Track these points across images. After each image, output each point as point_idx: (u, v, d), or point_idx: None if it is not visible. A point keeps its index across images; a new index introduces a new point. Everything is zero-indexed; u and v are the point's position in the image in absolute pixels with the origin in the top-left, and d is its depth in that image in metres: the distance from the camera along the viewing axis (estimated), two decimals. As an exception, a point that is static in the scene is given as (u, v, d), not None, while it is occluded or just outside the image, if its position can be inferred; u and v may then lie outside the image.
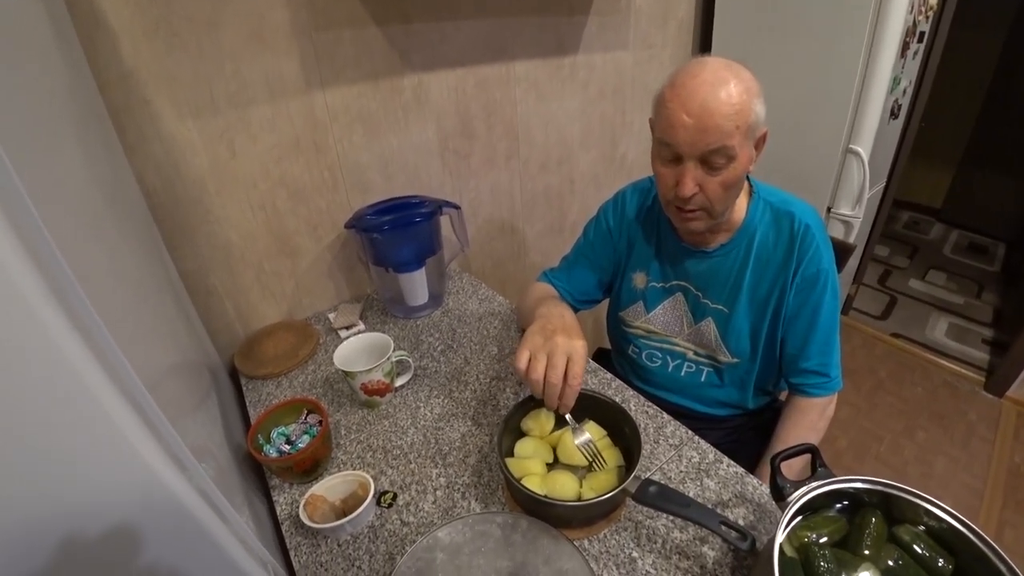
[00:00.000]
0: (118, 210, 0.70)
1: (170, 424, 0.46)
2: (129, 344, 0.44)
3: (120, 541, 0.42)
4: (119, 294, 0.56)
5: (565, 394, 0.70)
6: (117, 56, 0.83)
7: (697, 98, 0.72)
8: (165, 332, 0.73)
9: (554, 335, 0.72)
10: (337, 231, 1.18)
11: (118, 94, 0.85)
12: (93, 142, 0.69)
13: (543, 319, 0.77)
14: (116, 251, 0.61)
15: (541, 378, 0.69)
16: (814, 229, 0.86)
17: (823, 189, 1.70)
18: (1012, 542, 1.63)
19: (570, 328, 0.75)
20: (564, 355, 0.70)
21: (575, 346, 0.71)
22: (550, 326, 0.75)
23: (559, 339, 0.72)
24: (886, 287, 2.98)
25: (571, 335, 0.73)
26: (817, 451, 0.67)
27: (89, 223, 0.54)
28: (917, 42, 1.72)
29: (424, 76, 1.19)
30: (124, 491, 0.41)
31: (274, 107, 1.01)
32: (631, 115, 1.75)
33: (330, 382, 0.99)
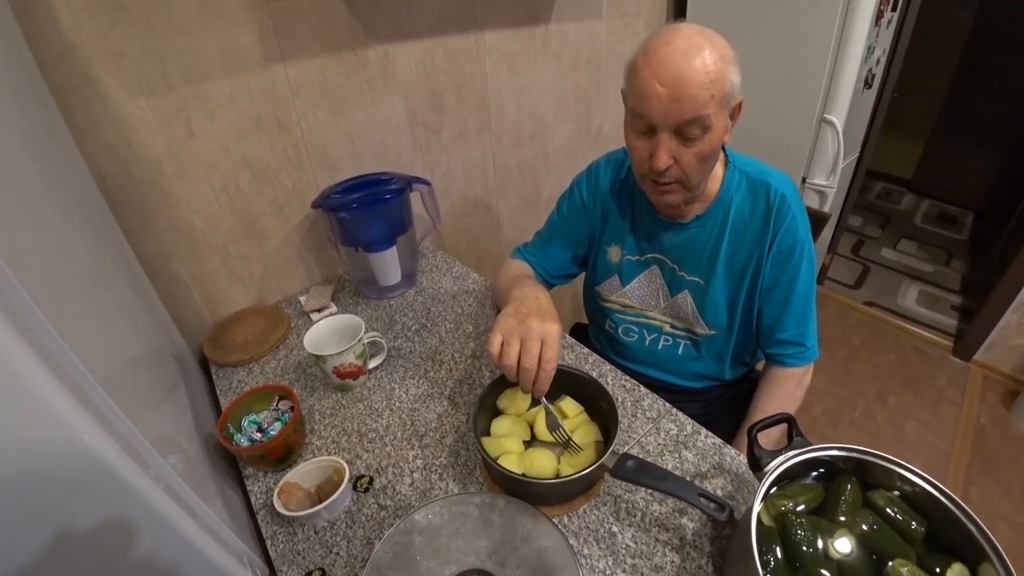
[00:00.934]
0: (63, 194, 0.66)
1: (127, 419, 0.44)
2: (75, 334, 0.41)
3: (82, 542, 0.40)
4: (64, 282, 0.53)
5: (539, 378, 0.68)
6: (57, 31, 0.77)
7: (670, 66, 0.69)
8: (122, 321, 0.70)
9: (527, 318, 0.70)
10: (305, 211, 1.14)
11: (60, 72, 0.79)
12: (32, 122, 0.65)
13: (517, 301, 0.75)
14: (59, 237, 0.58)
15: (514, 363, 0.68)
16: (790, 199, 0.85)
17: (798, 159, 1.70)
18: (978, 500, 1.69)
19: (544, 311, 0.73)
20: (538, 339, 0.68)
21: (549, 330, 0.69)
22: (523, 309, 0.72)
23: (532, 323, 0.69)
24: (859, 256, 3.04)
25: (544, 318, 0.71)
26: (793, 420, 0.67)
27: (26, 207, 0.51)
28: (891, 10, 1.71)
29: (390, 47, 1.14)
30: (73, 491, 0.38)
31: (232, 82, 0.96)
32: (605, 86, 1.72)
33: (303, 367, 0.97)
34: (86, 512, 0.39)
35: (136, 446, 0.44)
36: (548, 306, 0.76)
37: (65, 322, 0.38)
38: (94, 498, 0.39)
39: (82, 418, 0.37)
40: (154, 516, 0.43)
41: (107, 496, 0.40)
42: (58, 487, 0.37)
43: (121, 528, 0.42)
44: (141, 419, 0.47)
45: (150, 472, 0.44)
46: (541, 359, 0.68)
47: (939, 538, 0.56)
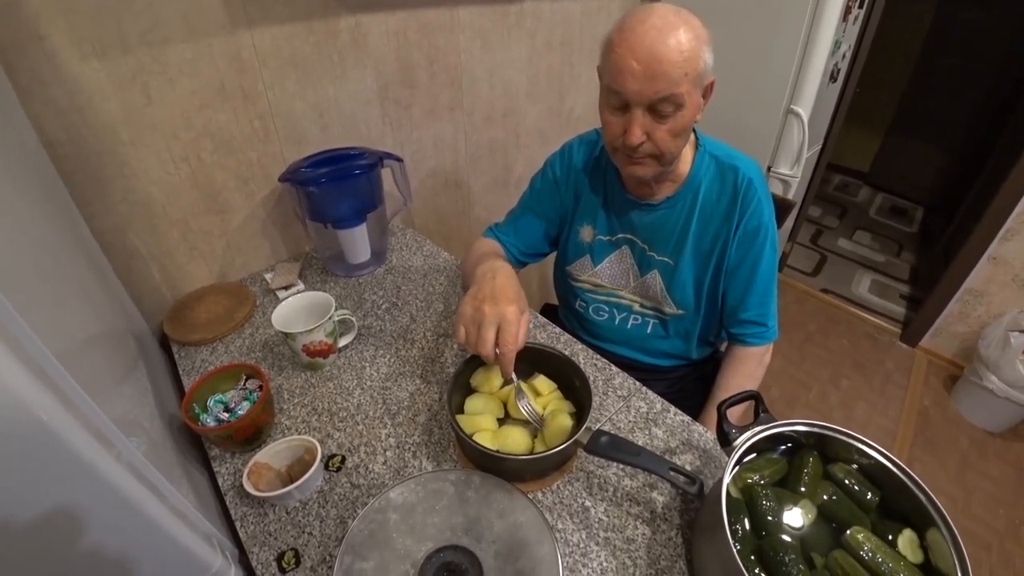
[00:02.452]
0: (10, 161, 0.62)
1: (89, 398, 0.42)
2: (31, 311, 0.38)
3: (50, 527, 0.38)
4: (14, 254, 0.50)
5: (500, 363, 0.67)
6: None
7: (645, 44, 0.70)
8: (77, 297, 0.66)
9: (482, 304, 0.69)
10: (271, 185, 1.10)
11: (3, 27, 0.73)
12: None
13: (475, 286, 0.74)
14: (7, 206, 0.54)
15: (476, 349, 0.68)
16: (756, 183, 0.87)
17: (764, 148, 1.74)
18: (920, 475, 1.73)
19: (498, 293, 0.71)
20: (492, 326, 0.67)
21: (503, 313, 0.68)
22: (480, 295, 0.71)
23: (486, 308, 0.68)
24: (817, 245, 3.15)
25: (498, 301, 0.69)
26: (760, 397, 0.70)
27: None
28: (859, 7, 1.76)
29: (362, 18, 1.10)
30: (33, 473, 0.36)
31: (195, 47, 0.91)
32: (579, 68, 1.71)
33: (270, 345, 0.94)
34: (46, 495, 0.37)
35: (99, 426, 0.42)
36: (505, 285, 0.73)
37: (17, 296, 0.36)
38: (55, 481, 0.38)
39: (41, 396, 0.35)
40: (120, 499, 0.42)
41: (69, 479, 0.38)
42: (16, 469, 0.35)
43: (84, 512, 0.40)
44: (102, 399, 0.44)
45: (113, 453, 0.43)
46: (499, 343, 0.67)
47: (891, 507, 0.60)
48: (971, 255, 2.05)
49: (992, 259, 2.02)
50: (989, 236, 1.98)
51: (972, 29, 3.11)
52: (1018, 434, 1.97)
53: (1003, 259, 2.00)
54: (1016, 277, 1.99)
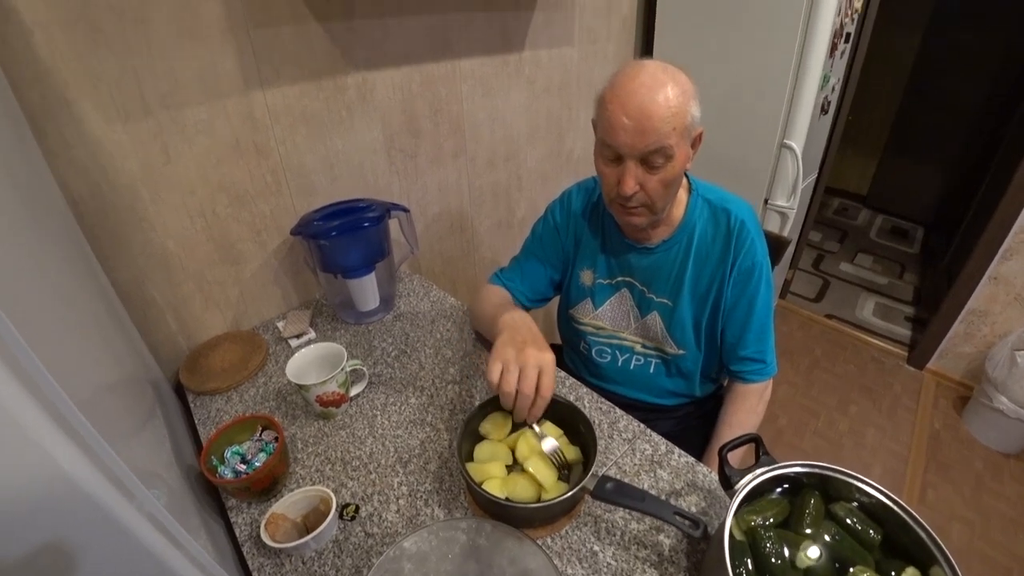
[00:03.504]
0: (39, 217, 0.65)
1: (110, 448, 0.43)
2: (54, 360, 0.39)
3: None
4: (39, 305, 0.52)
5: (536, 405, 0.70)
6: (32, 53, 0.76)
7: (636, 100, 0.75)
8: (98, 346, 0.69)
9: (525, 347, 0.73)
10: (282, 236, 1.14)
11: (34, 94, 0.78)
12: (7, 145, 0.64)
13: (511, 330, 0.77)
14: (37, 259, 0.57)
15: (513, 390, 0.70)
16: (749, 225, 0.91)
17: (760, 182, 1.78)
18: (934, 500, 1.78)
19: (539, 340, 0.75)
20: (535, 368, 0.70)
21: (546, 359, 0.72)
22: (519, 338, 0.75)
23: (530, 351, 0.72)
24: (820, 271, 3.16)
25: (541, 348, 0.73)
26: (760, 440, 0.72)
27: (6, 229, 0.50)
28: (844, 43, 1.82)
29: (368, 74, 1.16)
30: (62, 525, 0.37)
31: (210, 108, 0.96)
32: (577, 110, 1.77)
33: (283, 394, 0.97)
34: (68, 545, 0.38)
35: (120, 476, 0.43)
36: (540, 335, 0.78)
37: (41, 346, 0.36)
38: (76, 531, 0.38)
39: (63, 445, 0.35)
40: (142, 551, 0.42)
41: (91, 529, 0.38)
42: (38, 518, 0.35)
43: (105, 563, 0.41)
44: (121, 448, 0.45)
45: (135, 503, 0.43)
46: (539, 387, 0.70)
47: (894, 544, 0.61)
48: (972, 276, 2.06)
49: (993, 279, 2.03)
50: (988, 256, 1.99)
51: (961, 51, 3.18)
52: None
53: (1004, 278, 2.01)
54: (1018, 296, 2.00)
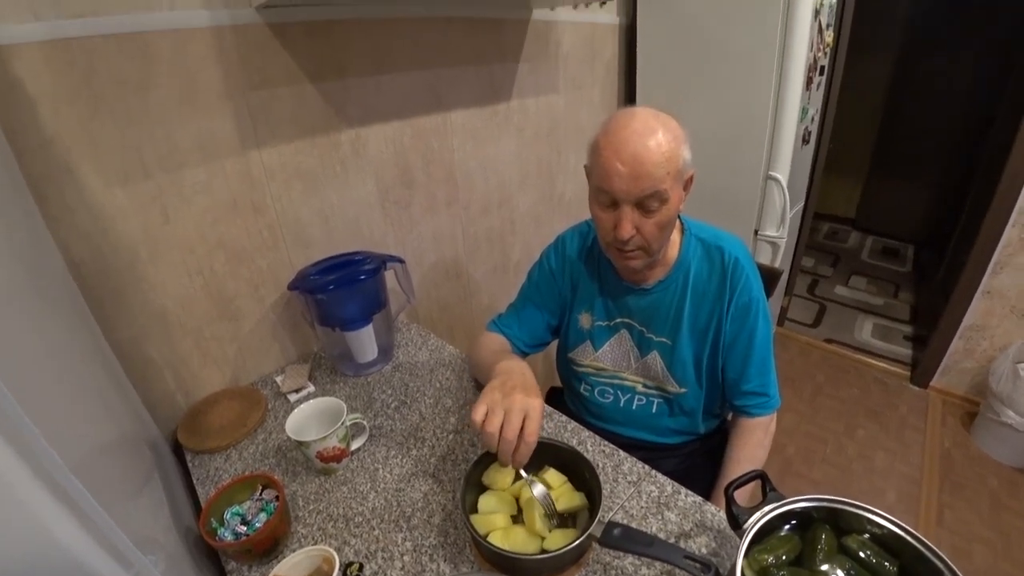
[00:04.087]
0: (39, 282, 0.66)
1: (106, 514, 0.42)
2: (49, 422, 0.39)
3: None
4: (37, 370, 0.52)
5: (519, 450, 0.69)
6: (36, 123, 0.79)
7: (629, 147, 0.77)
8: (95, 406, 0.69)
9: (513, 392, 0.73)
10: (280, 290, 1.15)
11: (37, 162, 0.80)
12: (10, 213, 0.65)
13: (504, 375, 0.77)
14: (35, 325, 0.58)
15: (496, 432, 0.69)
16: (743, 261, 0.92)
17: (749, 214, 1.82)
18: (952, 522, 1.74)
19: (529, 386, 0.75)
20: (521, 412, 0.70)
21: (532, 404, 0.72)
22: (510, 383, 0.75)
23: (517, 396, 0.72)
24: (815, 296, 3.18)
25: (529, 393, 0.73)
26: (766, 476, 0.71)
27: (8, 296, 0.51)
28: (819, 75, 1.89)
29: (361, 130, 1.20)
30: None
31: (208, 169, 0.99)
32: (566, 154, 1.82)
33: (282, 450, 0.96)
34: None
35: (116, 543, 0.43)
36: (533, 382, 0.78)
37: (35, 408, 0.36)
38: None
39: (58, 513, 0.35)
40: None
41: None
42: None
43: None
44: (118, 513, 0.44)
45: (132, 572, 0.43)
46: (523, 431, 0.69)
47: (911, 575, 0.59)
48: (966, 291, 2.08)
49: (987, 293, 2.05)
50: (980, 271, 2.02)
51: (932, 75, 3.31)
52: None
53: (997, 292, 2.03)
54: (1014, 308, 2.01)
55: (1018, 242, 1.91)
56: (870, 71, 3.50)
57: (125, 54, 0.85)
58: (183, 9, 0.90)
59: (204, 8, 0.92)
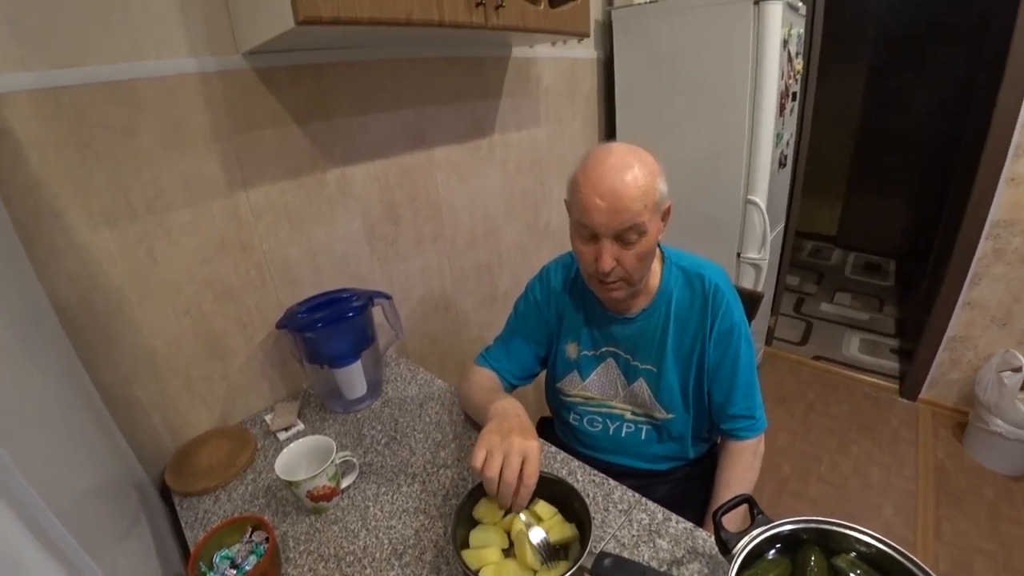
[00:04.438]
0: (23, 327, 0.66)
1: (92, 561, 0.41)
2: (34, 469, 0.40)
3: None
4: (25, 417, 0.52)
5: (519, 493, 0.70)
6: (24, 168, 0.80)
7: (607, 183, 0.80)
8: (81, 451, 0.68)
9: (511, 434, 0.73)
10: (268, 328, 1.16)
11: (24, 206, 0.81)
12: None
13: (500, 418, 0.78)
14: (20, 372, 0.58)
15: (496, 476, 0.70)
16: (723, 287, 0.95)
17: (731, 237, 1.86)
18: (951, 535, 1.74)
19: (525, 428, 0.76)
20: (520, 455, 0.71)
21: (531, 447, 0.72)
22: (507, 425, 0.76)
23: (515, 439, 0.72)
24: (801, 313, 3.22)
25: (526, 435, 0.74)
26: (753, 500, 0.72)
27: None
28: (792, 101, 1.96)
29: (347, 168, 1.22)
30: None
31: (196, 210, 1.00)
32: (549, 185, 1.86)
33: (272, 490, 0.95)
34: None
35: None
36: (528, 423, 0.79)
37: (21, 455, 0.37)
38: None
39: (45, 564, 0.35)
40: None
41: None
42: None
43: None
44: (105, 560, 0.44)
45: None
46: (522, 474, 0.70)
47: (903, 593, 0.60)
48: (947, 304, 2.13)
49: (967, 304, 2.09)
50: (959, 283, 2.06)
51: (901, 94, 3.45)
52: None
53: (977, 303, 2.07)
54: (994, 318, 2.05)
55: (993, 254, 1.97)
56: (842, 95, 3.64)
57: (113, 101, 0.87)
58: (170, 57, 0.92)
59: (191, 56, 0.94)
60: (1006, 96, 1.75)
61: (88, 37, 0.83)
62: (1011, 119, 1.76)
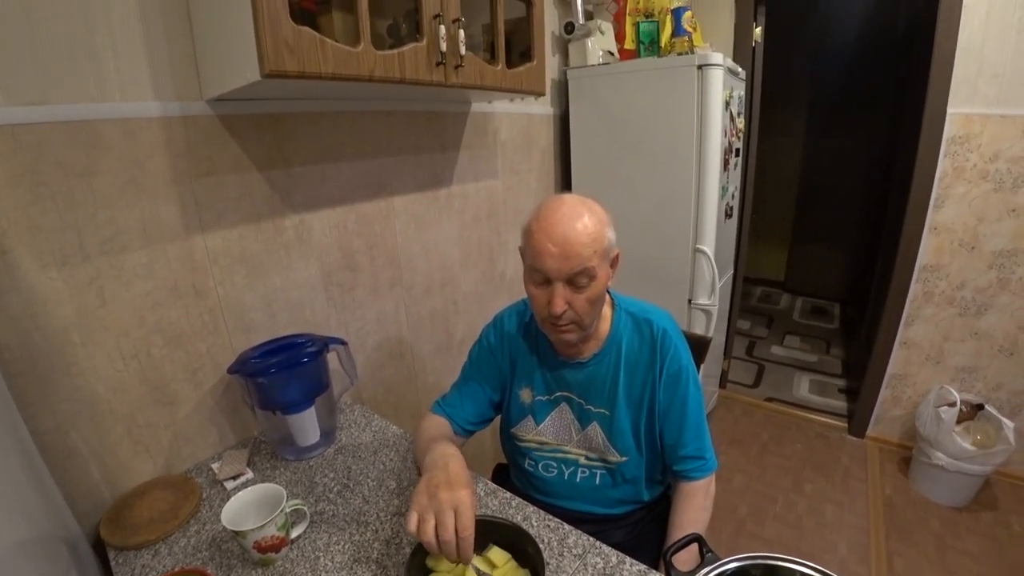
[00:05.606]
0: None
1: None
2: None
3: None
4: None
5: (460, 548, 0.70)
6: None
7: (559, 230, 0.84)
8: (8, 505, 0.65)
9: (437, 491, 0.74)
10: (219, 374, 1.13)
11: None
12: None
13: (428, 474, 0.79)
14: None
15: (432, 539, 0.69)
16: (671, 332, 0.99)
17: (681, 285, 1.94)
18: (903, 569, 1.78)
19: (454, 480, 0.76)
20: (450, 510, 0.71)
21: (460, 497, 0.72)
22: (434, 482, 0.76)
23: (443, 495, 0.73)
24: (753, 356, 3.32)
25: (453, 487, 0.74)
26: (702, 539, 0.74)
27: None
28: (735, 157, 2.10)
29: (306, 215, 1.24)
30: None
31: (150, 253, 0.99)
32: (506, 235, 1.92)
33: (217, 543, 0.91)
34: None
35: None
36: (458, 472, 0.79)
37: None
38: None
39: None
40: None
41: None
42: None
43: None
44: None
45: None
46: (457, 528, 0.70)
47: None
48: (885, 344, 2.25)
49: (903, 344, 2.22)
50: (895, 324, 2.20)
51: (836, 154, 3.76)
52: (982, 503, 2.02)
53: (912, 342, 2.21)
54: (928, 357, 2.19)
55: (923, 296, 2.12)
56: (783, 151, 3.93)
57: (74, 141, 0.87)
58: (134, 101, 0.93)
59: (155, 99, 0.96)
60: (924, 155, 1.94)
61: (53, 75, 0.84)
62: (930, 174, 1.95)
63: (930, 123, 1.90)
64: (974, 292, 2.03)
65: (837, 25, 3.59)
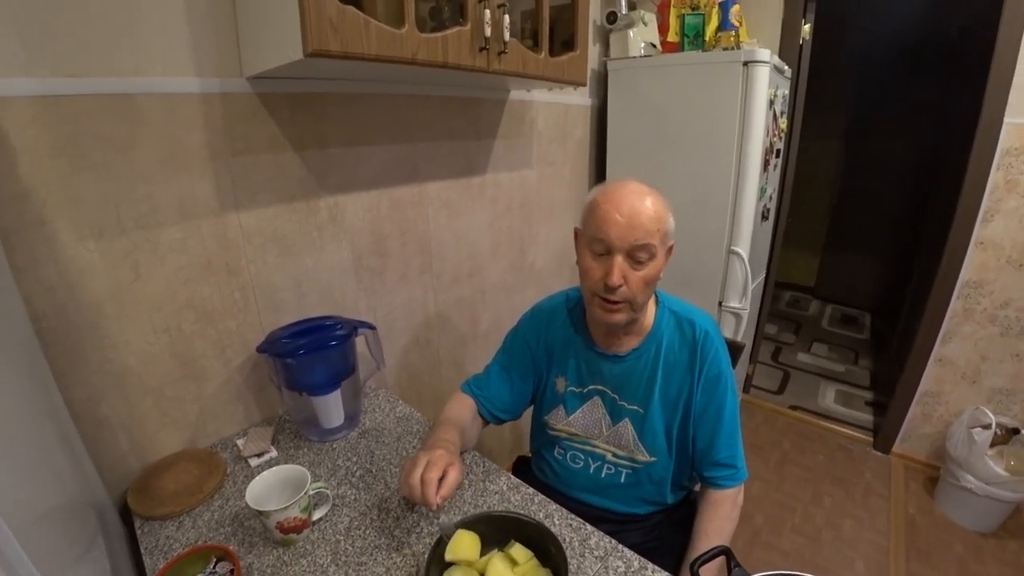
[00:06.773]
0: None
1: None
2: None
3: None
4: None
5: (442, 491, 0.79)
6: (14, 174, 0.79)
7: (627, 202, 0.86)
8: (42, 468, 0.66)
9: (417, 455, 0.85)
10: (248, 352, 1.14)
11: (9, 213, 0.80)
12: None
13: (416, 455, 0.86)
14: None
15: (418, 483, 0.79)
16: (712, 335, 0.97)
17: (713, 287, 1.90)
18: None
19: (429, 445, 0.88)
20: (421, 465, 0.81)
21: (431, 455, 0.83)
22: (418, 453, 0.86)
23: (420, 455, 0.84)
24: (779, 363, 3.25)
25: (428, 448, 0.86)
26: (730, 552, 0.72)
27: None
28: (776, 157, 2.04)
29: (340, 197, 1.24)
30: None
31: (185, 228, 1.00)
32: (537, 226, 1.90)
33: (240, 519, 0.92)
34: None
35: None
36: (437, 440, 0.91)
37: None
38: None
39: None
40: None
41: None
42: None
43: None
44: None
45: None
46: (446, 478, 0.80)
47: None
48: (919, 359, 2.17)
49: (938, 361, 2.14)
50: (931, 340, 2.12)
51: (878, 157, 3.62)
52: (1009, 531, 1.94)
53: (948, 360, 2.12)
54: (964, 375, 2.10)
55: (963, 313, 2.04)
56: (823, 154, 3.80)
57: (114, 114, 0.87)
58: (175, 76, 0.93)
59: (196, 75, 0.96)
60: (975, 165, 1.85)
61: (95, 48, 0.84)
62: (980, 186, 1.86)
63: (984, 133, 1.81)
64: (1018, 312, 1.94)
65: (886, 25, 3.45)
